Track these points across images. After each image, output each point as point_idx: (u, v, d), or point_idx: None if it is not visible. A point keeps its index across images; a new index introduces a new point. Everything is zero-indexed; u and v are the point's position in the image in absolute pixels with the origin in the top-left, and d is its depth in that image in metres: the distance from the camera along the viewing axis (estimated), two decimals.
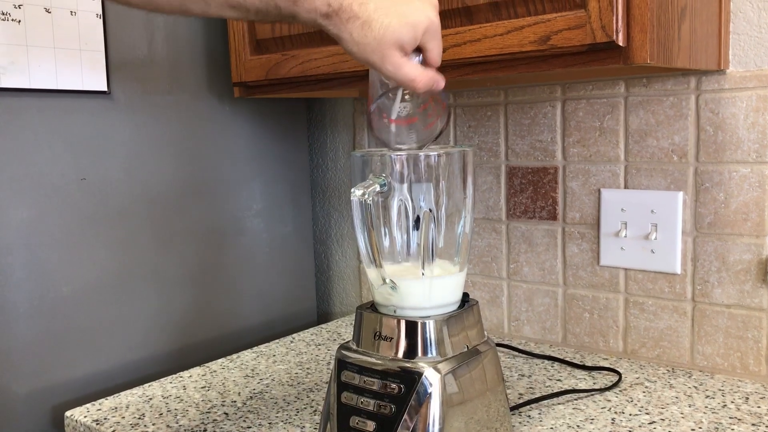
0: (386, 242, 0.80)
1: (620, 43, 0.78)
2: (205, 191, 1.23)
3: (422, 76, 0.72)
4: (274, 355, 1.20)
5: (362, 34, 0.69)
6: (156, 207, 1.16)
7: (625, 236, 1.09)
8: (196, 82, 1.21)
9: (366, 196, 0.72)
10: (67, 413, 0.98)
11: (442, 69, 0.94)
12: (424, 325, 0.76)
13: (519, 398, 0.97)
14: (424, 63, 0.74)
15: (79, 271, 1.07)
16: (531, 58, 0.85)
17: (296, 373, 1.11)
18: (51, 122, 1.02)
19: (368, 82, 0.83)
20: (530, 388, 1.01)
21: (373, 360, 0.77)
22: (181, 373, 1.13)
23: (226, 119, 1.26)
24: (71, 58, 1.02)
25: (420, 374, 0.74)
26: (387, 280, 0.76)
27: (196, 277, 1.23)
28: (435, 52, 0.74)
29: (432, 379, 0.74)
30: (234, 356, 1.20)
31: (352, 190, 0.72)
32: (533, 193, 1.18)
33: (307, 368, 1.13)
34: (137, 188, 1.13)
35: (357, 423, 0.76)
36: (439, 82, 0.75)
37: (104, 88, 1.07)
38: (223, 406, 0.99)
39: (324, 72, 1.05)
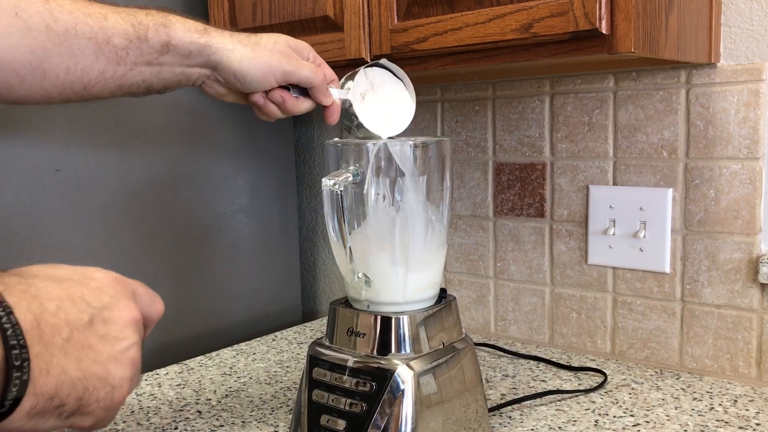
0: (362, 235, 0.78)
1: (604, 31, 0.75)
2: (187, 185, 1.21)
3: (318, 70, 0.76)
4: (254, 353, 1.17)
5: (252, 41, 0.73)
6: (136, 201, 1.14)
7: (614, 234, 1.06)
8: None
9: (337, 186, 0.70)
10: None
11: (424, 59, 0.92)
12: (398, 320, 0.74)
13: (501, 399, 0.94)
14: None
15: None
16: (513, 47, 0.83)
17: (275, 372, 1.08)
18: (24, 111, 1.00)
19: (349, 73, 0.82)
20: (513, 388, 0.98)
21: (344, 357, 0.74)
22: (158, 370, 1.10)
23: (209, 111, 1.24)
24: None
25: (392, 372, 0.71)
26: (360, 275, 0.74)
27: (177, 274, 1.21)
28: (327, 68, 0.79)
29: (405, 376, 0.71)
30: (213, 354, 1.17)
31: (323, 179, 0.70)
32: (521, 190, 1.16)
33: (287, 367, 1.10)
34: (115, 181, 1.11)
35: (327, 421, 0.73)
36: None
37: None
38: (197, 404, 0.96)
39: None
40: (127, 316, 0.47)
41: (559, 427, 0.85)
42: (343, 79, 0.80)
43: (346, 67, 0.98)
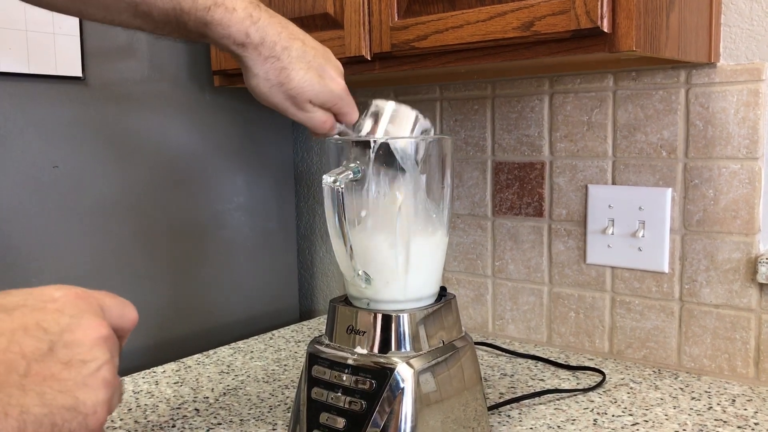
0: (362, 232, 0.77)
1: (605, 30, 0.75)
2: (184, 183, 1.20)
3: (325, 123, 0.75)
4: (251, 352, 1.17)
5: (279, 80, 0.71)
6: (133, 198, 1.13)
7: (612, 233, 1.06)
8: (176, 69, 1.18)
9: (338, 183, 0.69)
10: None
11: (425, 57, 0.92)
12: (398, 318, 0.73)
13: (500, 398, 0.94)
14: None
15: (52, 262, 1.04)
16: (514, 45, 0.82)
17: (273, 370, 1.08)
18: (23, 108, 0.99)
19: (352, 72, 0.81)
20: (512, 387, 0.98)
21: (344, 354, 0.74)
22: (155, 368, 1.09)
23: (207, 108, 1.23)
24: (44, 41, 1.00)
25: (392, 369, 0.71)
26: (360, 272, 0.74)
27: (174, 271, 1.20)
28: (351, 115, 0.77)
29: (405, 374, 0.71)
30: (210, 352, 1.17)
31: (324, 176, 0.70)
32: (519, 189, 1.15)
33: (285, 365, 1.10)
34: (113, 178, 1.10)
35: (327, 419, 0.73)
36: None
37: (79, 74, 1.04)
38: (195, 402, 0.96)
39: None
40: (92, 335, 0.42)
41: (558, 426, 0.85)
42: (362, 116, 0.78)
43: (346, 65, 0.98)
